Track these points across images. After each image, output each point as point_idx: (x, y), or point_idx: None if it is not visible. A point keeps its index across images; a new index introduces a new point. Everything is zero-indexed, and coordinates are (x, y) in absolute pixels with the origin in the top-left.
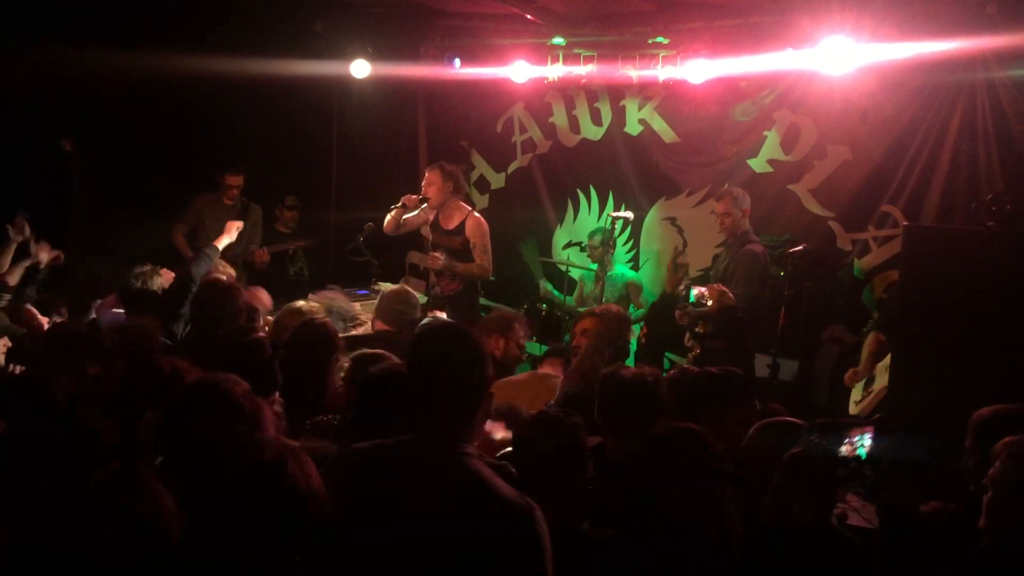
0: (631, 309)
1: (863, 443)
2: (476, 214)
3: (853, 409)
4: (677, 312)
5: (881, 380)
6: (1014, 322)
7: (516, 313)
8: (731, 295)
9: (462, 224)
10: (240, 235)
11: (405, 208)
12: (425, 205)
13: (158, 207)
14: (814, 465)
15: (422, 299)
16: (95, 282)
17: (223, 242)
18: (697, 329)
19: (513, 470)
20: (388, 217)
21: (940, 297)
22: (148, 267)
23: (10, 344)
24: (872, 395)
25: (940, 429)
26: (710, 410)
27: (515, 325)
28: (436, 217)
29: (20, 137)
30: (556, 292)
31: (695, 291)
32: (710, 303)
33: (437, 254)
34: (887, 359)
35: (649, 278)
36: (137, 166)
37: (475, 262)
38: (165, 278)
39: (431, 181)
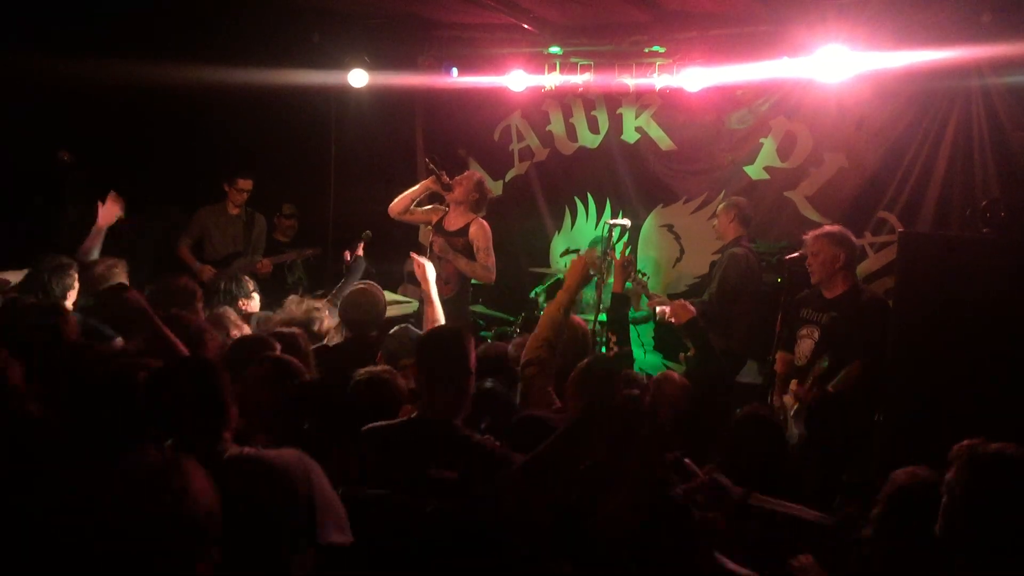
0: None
1: None
2: (481, 219)
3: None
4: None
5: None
6: (1010, 328)
7: None
8: (691, 307)
9: (466, 227)
10: (246, 245)
11: (426, 191)
12: (444, 195)
13: (155, 216)
14: None
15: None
16: None
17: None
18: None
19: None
20: (398, 197)
21: (936, 303)
22: (111, 261)
23: None
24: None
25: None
26: None
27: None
28: (440, 219)
29: (16, 146)
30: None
31: (658, 309)
32: (672, 320)
33: (438, 237)
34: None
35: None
36: (134, 175)
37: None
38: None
39: (465, 182)
